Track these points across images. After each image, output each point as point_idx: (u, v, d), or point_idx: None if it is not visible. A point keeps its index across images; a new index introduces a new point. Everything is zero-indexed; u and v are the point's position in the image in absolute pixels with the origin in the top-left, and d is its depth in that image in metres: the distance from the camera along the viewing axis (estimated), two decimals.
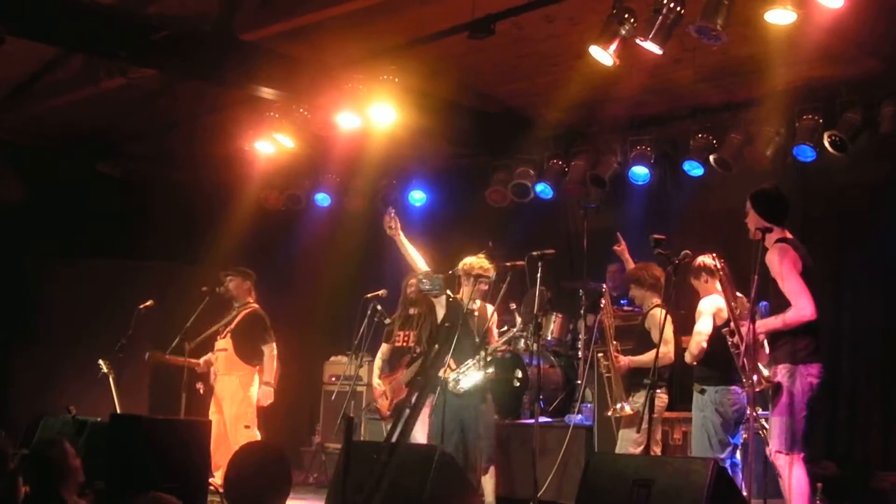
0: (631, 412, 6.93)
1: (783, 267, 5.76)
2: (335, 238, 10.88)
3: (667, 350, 6.99)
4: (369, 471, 3.72)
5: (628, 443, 6.98)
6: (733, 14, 6.21)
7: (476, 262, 7.53)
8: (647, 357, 6.98)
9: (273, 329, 8.83)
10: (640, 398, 6.98)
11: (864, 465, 7.92)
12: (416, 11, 7.35)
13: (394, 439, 4.01)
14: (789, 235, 5.98)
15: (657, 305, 7.21)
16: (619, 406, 6.96)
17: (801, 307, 5.68)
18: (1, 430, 7.14)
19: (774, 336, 5.87)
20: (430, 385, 6.68)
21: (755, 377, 5.74)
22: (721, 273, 6.36)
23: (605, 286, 7.40)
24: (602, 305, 7.33)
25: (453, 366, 7.35)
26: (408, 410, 3.85)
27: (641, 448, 6.83)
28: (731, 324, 6.13)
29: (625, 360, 7.13)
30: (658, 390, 7.04)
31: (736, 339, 6.00)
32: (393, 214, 7.50)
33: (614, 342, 7.17)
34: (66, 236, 10.84)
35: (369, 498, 3.56)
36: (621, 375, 7.09)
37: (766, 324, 5.88)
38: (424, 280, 7.43)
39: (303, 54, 8.10)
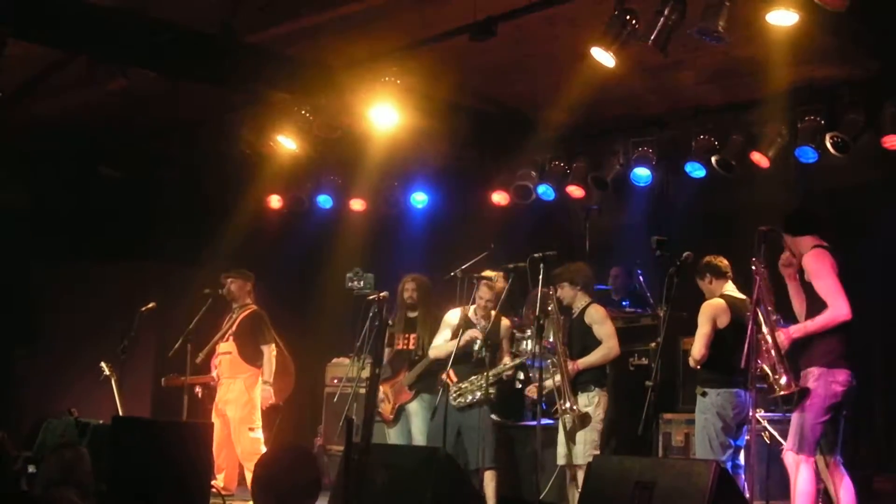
0: (579, 413, 6.97)
1: (821, 267, 5.86)
2: (337, 240, 10.87)
3: (613, 345, 7.17)
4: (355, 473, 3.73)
5: (589, 445, 6.99)
6: (735, 15, 6.22)
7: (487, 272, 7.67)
8: (594, 358, 7.13)
9: (274, 330, 8.85)
10: (583, 399, 7.05)
11: (866, 466, 7.91)
12: (418, 13, 7.35)
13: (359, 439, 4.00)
14: (824, 242, 6.04)
15: (591, 303, 7.30)
16: (567, 406, 6.98)
17: (838, 307, 5.78)
18: (3, 433, 7.15)
19: (805, 340, 5.88)
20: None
21: (784, 380, 5.75)
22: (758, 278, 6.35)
23: (551, 289, 7.36)
24: (549, 309, 7.31)
25: (453, 377, 7.44)
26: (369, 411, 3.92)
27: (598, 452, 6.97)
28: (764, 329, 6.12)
29: (573, 365, 7.13)
30: (601, 388, 7.13)
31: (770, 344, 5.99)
32: None
33: (563, 346, 7.17)
34: (69, 238, 10.85)
35: (350, 496, 3.57)
36: (569, 379, 7.10)
37: (804, 327, 5.90)
38: (353, 278, 7.43)
39: (305, 56, 8.11)
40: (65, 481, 4.55)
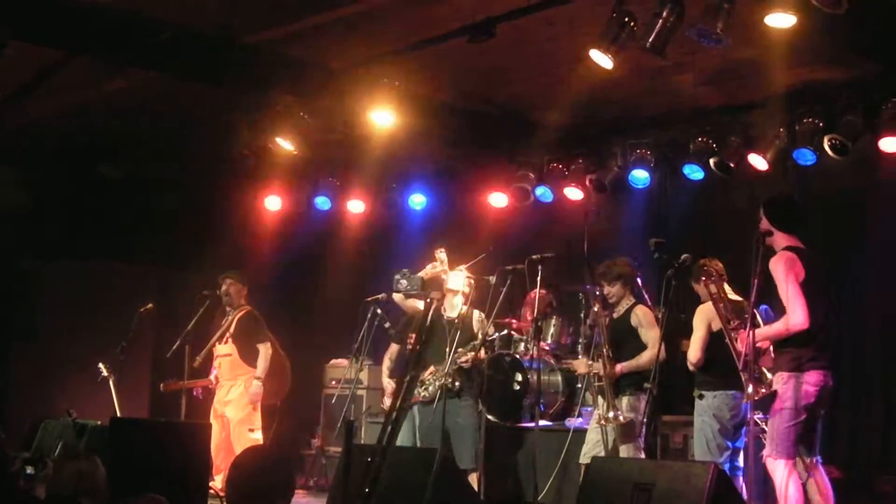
0: (624, 421, 6.81)
1: (781, 274, 5.79)
2: (336, 241, 10.88)
3: (650, 356, 6.96)
4: (366, 474, 3.72)
5: (634, 450, 6.90)
6: (733, 17, 6.22)
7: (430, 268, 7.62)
8: (639, 361, 6.94)
9: (272, 331, 8.85)
10: (624, 402, 6.90)
11: (865, 467, 7.92)
12: (417, 14, 7.35)
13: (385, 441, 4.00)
14: (799, 244, 5.99)
15: (637, 303, 7.16)
16: (612, 415, 6.81)
17: (794, 316, 5.72)
18: (1, 433, 7.14)
19: (778, 344, 5.89)
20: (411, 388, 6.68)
21: (751, 387, 5.75)
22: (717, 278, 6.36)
23: (597, 290, 7.30)
24: (596, 309, 7.26)
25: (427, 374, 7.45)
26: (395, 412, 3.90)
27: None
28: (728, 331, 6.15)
29: (618, 368, 6.94)
30: (642, 391, 6.98)
31: (738, 346, 5.99)
32: None
33: (606, 347, 7.02)
34: (67, 239, 10.84)
35: (366, 500, 3.55)
36: (612, 382, 6.95)
37: (763, 333, 5.91)
38: (401, 279, 7.43)
39: (304, 57, 8.11)
40: (78, 491, 4.56)
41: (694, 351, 6.67)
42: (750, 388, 5.71)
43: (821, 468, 5.95)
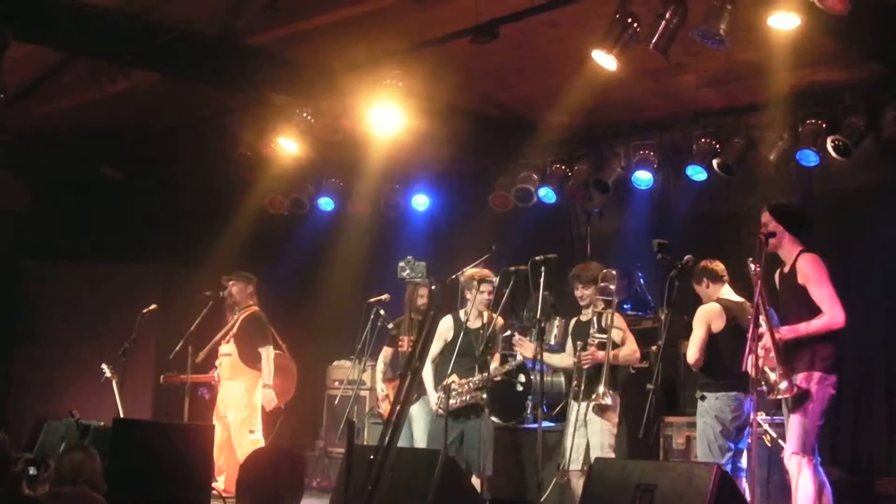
0: (611, 403, 6.93)
1: (819, 274, 5.86)
2: (339, 242, 10.88)
3: (635, 348, 7.14)
4: (368, 472, 3.72)
5: (608, 434, 6.97)
6: (736, 19, 6.23)
7: (476, 270, 7.57)
8: (624, 352, 7.08)
9: (275, 333, 8.85)
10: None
11: (868, 469, 7.91)
12: (420, 16, 7.36)
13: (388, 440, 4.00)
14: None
15: (606, 308, 7.21)
16: (601, 391, 6.92)
17: (836, 315, 5.79)
18: (4, 434, 7.15)
19: (797, 343, 5.87)
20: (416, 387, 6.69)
21: (785, 384, 5.74)
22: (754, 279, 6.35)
23: (578, 287, 7.34)
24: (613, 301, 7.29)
25: (457, 381, 7.40)
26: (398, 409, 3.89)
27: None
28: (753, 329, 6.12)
29: (601, 355, 7.00)
30: (615, 390, 7.07)
31: (765, 343, 5.94)
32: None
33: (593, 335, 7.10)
34: (70, 239, 10.86)
35: (369, 499, 3.54)
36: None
37: (795, 330, 5.88)
38: (405, 266, 7.41)
39: (307, 58, 8.12)
40: (75, 481, 4.58)
41: (693, 351, 6.68)
42: (783, 385, 5.72)
43: (820, 468, 5.96)
